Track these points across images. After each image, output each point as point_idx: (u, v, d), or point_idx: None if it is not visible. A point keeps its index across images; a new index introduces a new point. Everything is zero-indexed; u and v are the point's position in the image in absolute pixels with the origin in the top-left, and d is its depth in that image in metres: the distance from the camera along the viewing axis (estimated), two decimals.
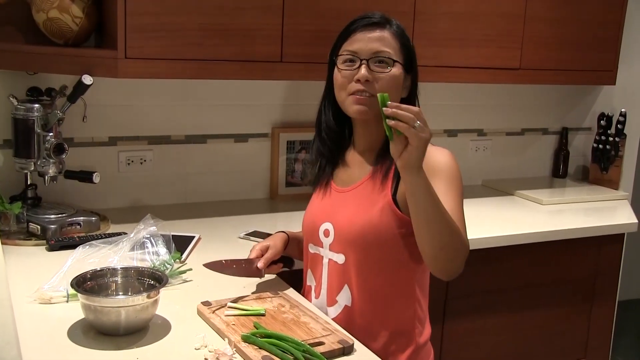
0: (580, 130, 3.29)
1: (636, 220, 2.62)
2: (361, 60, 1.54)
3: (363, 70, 1.53)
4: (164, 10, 1.98)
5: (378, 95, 1.34)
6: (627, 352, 3.61)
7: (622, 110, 3.06)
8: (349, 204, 1.59)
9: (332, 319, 1.58)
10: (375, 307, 1.58)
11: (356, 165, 1.64)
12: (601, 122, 3.11)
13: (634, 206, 2.87)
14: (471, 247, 2.23)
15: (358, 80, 1.53)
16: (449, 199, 1.48)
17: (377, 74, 1.53)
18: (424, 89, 1.64)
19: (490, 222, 2.48)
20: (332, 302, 1.62)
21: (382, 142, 1.59)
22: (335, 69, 1.59)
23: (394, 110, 1.30)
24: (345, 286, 1.59)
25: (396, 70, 1.55)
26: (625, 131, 3.06)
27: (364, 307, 1.58)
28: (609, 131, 3.09)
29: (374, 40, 1.54)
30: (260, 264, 1.67)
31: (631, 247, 3.00)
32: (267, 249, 1.72)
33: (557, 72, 2.74)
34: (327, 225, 1.61)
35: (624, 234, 2.66)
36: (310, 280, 1.71)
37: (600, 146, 3.10)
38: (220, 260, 1.70)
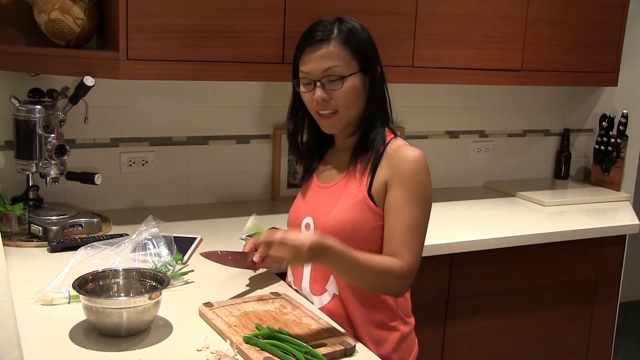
0: (582, 132, 3.29)
1: (638, 222, 2.62)
2: (315, 81, 1.59)
3: (318, 92, 1.59)
4: (165, 11, 1.98)
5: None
6: (628, 354, 3.61)
7: (624, 111, 3.06)
8: (328, 199, 1.66)
9: (322, 307, 1.64)
10: (359, 297, 1.62)
11: (335, 163, 1.71)
12: (603, 123, 3.11)
13: (635, 207, 2.87)
14: (473, 249, 2.26)
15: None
16: (408, 210, 1.53)
17: (332, 91, 1.58)
18: (425, 90, 1.63)
19: (491, 223, 2.48)
20: (321, 290, 1.66)
21: (356, 142, 1.65)
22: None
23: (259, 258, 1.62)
24: (332, 276, 1.64)
25: (350, 82, 1.58)
26: (627, 132, 3.06)
27: (350, 296, 1.63)
28: (610, 132, 3.09)
29: (321, 59, 1.57)
30: (255, 258, 1.71)
31: (633, 249, 2.99)
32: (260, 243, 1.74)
33: (558, 74, 2.74)
34: (308, 220, 1.68)
35: (625, 235, 2.65)
36: (289, 276, 1.77)
37: (602, 147, 3.10)
38: (217, 251, 1.75)
